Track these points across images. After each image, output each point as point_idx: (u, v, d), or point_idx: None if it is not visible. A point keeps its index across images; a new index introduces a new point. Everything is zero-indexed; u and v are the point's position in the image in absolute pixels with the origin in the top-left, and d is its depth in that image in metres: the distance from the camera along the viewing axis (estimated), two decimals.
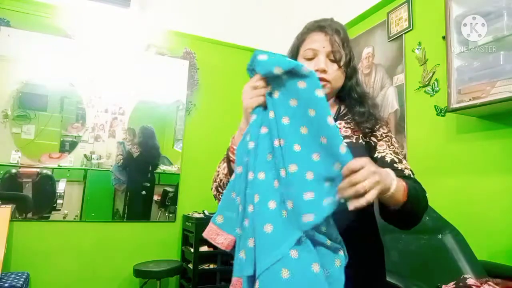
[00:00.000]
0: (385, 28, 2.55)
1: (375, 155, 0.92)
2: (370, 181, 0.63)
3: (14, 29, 2.71)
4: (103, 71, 2.97)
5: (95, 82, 2.94)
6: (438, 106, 2.08)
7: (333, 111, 1.00)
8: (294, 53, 1.01)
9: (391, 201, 0.75)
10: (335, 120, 0.97)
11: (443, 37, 1.86)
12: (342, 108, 1.01)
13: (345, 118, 0.98)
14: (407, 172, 0.89)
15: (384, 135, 0.95)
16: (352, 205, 0.65)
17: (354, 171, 0.64)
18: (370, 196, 0.63)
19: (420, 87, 2.22)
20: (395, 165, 0.88)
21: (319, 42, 0.95)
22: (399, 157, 0.91)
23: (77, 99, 2.93)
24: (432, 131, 2.11)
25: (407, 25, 2.35)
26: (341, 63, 0.94)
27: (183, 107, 3.24)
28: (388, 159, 0.90)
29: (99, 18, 2.99)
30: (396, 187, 0.72)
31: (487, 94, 1.59)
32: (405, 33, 2.37)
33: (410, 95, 2.29)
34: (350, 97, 0.99)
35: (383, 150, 0.92)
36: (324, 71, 0.92)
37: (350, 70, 0.98)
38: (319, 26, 0.97)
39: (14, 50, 2.71)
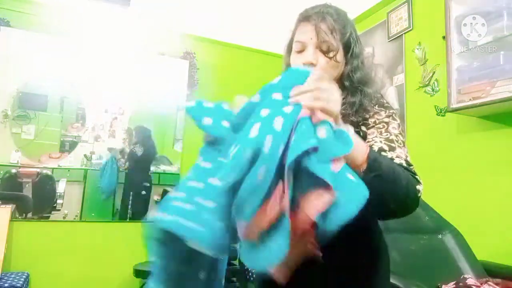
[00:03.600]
0: (385, 28, 2.55)
1: None
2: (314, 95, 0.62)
3: (14, 29, 2.71)
4: (103, 71, 2.97)
5: (95, 82, 2.94)
6: (438, 106, 2.08)
7: None
8: (289, 48, 0.95)
9: (348, 159, 0.65)
10: None
11: (443, 37, 1.86)
12: (342, 96, 0.92)
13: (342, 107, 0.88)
14: (397, 161, 0.78)
15: (378, 121, 0.86)
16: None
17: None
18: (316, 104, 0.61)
19: (420, 87, 2.21)
20: (383, 153, 0.79)
21: (306, 34, 0.88)
22: (392, 144, 0.80)
23: (77, 99, 2.93)
24: (432, 131, 2.11)
25: (407, 25, 2.35)
26: (330, 54, 0.86)
27: (183, 107, 3.24)
28: (375, 147, 0.80)
29: (99, 18, 2.98)
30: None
31: (487, 94, 1.59)
32: (405, 33, 2.37)
33: (410, 95, 2.29)
34: (344, 86, 0.90)
35: (372, 138, 0.83)
36: (311, 64, 0.86)
37: (349, 56, 0.89)
38: (305, 16, 0.90)
39: (14, 50, 2.71)
